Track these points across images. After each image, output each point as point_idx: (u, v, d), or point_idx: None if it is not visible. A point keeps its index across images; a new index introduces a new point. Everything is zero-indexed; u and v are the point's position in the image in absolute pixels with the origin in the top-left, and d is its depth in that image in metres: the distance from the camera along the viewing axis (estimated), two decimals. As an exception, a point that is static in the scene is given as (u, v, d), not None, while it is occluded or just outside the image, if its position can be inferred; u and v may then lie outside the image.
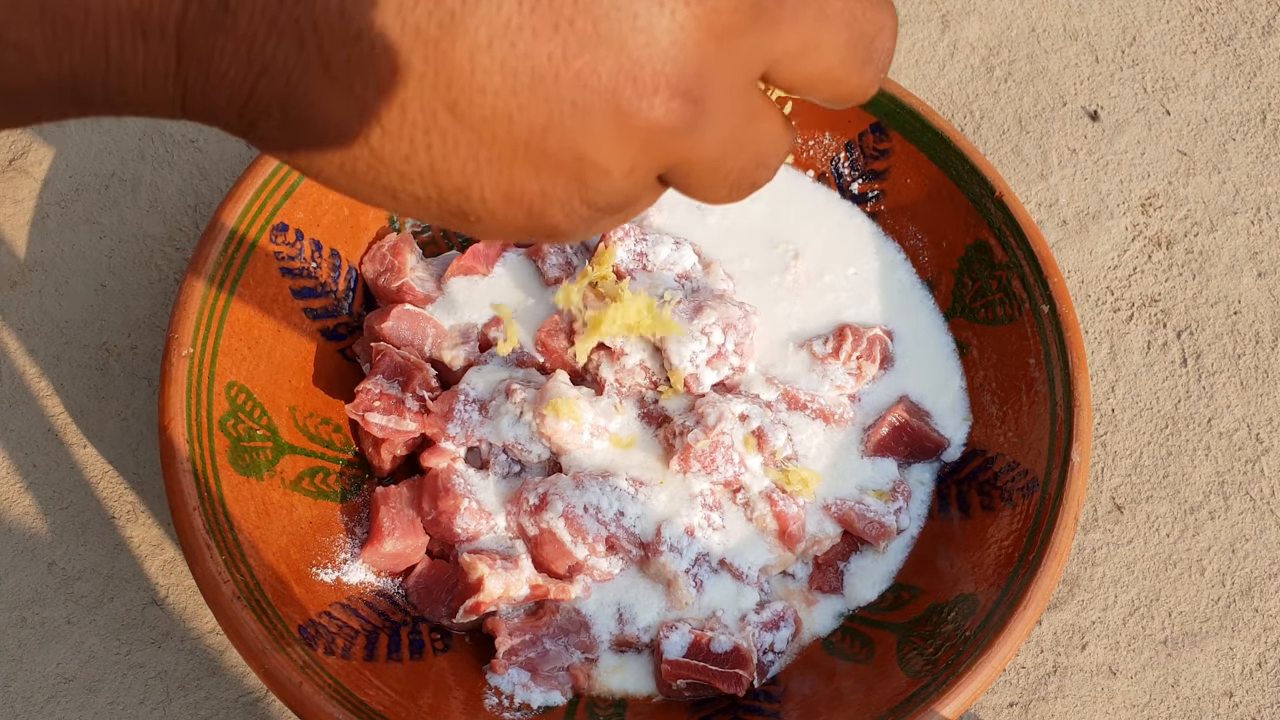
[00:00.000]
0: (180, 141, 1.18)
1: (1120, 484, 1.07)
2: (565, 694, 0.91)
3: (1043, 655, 1.01)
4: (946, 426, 1.02)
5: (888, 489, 0.99)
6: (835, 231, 1.10)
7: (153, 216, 1.14)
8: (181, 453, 0.87)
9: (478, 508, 0.94)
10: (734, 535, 0.95)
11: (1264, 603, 1.03)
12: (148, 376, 1.07)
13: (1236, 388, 1.11)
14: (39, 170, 1.16)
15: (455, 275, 1.04)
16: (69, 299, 1.10)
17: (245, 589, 0.84)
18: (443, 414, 0.96)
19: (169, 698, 0.96)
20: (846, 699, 0.89)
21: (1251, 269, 1.17)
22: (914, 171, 1.07)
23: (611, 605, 0.93)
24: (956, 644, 0.87)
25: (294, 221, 1.00)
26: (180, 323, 0.91)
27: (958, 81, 1.25)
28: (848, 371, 1.02)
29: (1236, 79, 1.26)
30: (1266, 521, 1.06)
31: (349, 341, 1.03)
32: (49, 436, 1.04)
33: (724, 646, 0.90)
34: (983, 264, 1.03)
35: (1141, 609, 1.03)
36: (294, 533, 0.92)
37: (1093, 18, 1.29)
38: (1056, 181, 1.20)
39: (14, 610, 0.98)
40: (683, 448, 0.94)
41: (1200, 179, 1.21)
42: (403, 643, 0.91)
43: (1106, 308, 1.15)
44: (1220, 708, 0.99)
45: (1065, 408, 0.94)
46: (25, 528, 1.01)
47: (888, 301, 1.07)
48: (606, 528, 0.92)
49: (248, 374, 0.95)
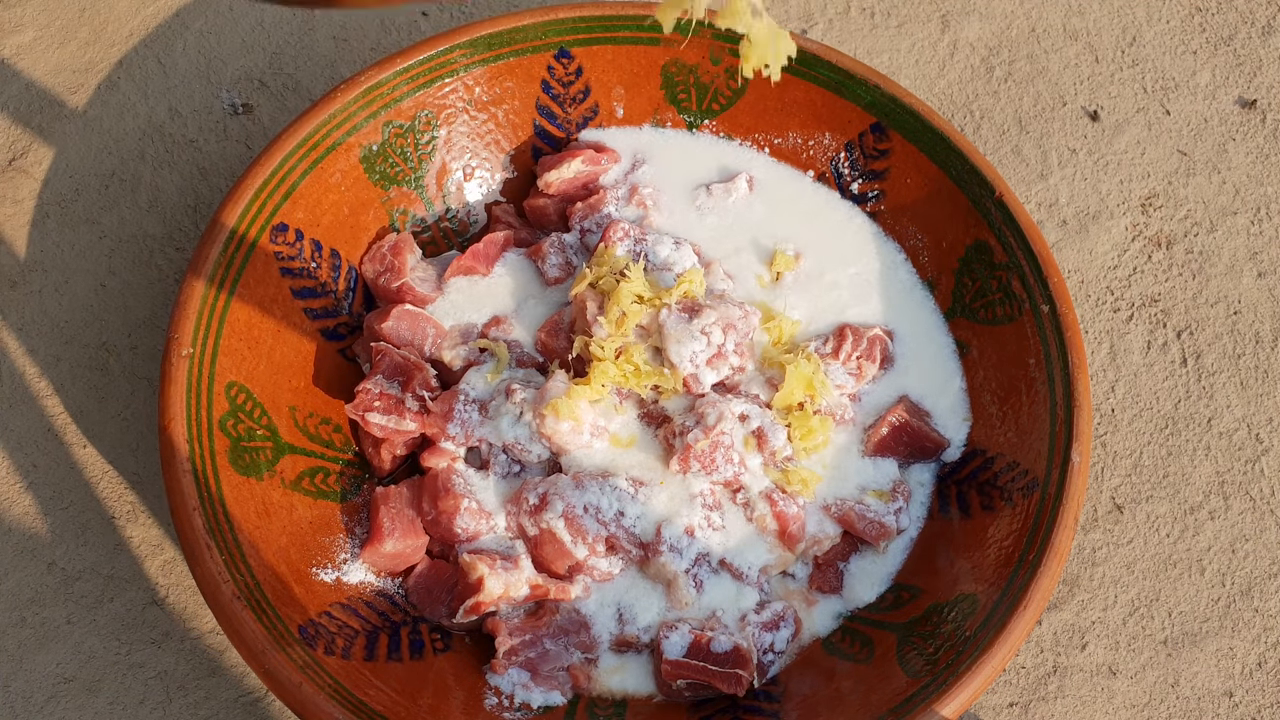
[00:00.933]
0: (180, 141, 1.18)
1: (1120, 484, 1.07)
2: (565, 694, 0.91)
3: (1043, 655, 1.01)
4: (947, 426, 1.02)
5: (888, 489, 0.99)
6: (835, 231, 1.10)
7: (153, 216, 1.14)
8: (181, 453, 0.87)
9: (478, 508, 0.94)
10: (734, 535, 0.95)
11: (1264, 603, 1.03)
12: (148, 376, 1.07)
13: (1236, 388, 1.11)
14: (39, 170, 1.16)
15: (455, 275, 1.04)
16: (69, 299, 1.10)
17: (245, 589, 0.84)
18: (443, 414, 0.96)
19: (169, 698, 0.96)
20: (846, 699, 0.89)
21: (1251, 269, 1.17)
22: (914, 171, 1.07)
23: (611, 605, 0.93)
24: (956, 644, 0.87)
25: (294, 221, 1.00)
26: (180, 323, 0.92)
27: (958, 81, 1.25)
28: (848, 371, 1.02)
29: (1236, 79, 1.26)
30: (1266, 521, 1.06)
31: (349, 341, 1.03)
32: (49, 436, 1.04)
33: (724, 646, 0.90)
34: (983, 264, 1.03)
35: (1141, 609, 1.03)
36: (294, 533, 0.92)
37: (1093, 18, 1.29)
38: (1056, 181, 1.21)
39: (14, 610, 0.98)
40: (683, 448, 0.94)
41: (1200, 179, 1.21)
42: (403, 643, 0.91)
43: (1106, 308, 1.15)
44: (1220, 708, 0.99)
45: (1065, 408, 0.94)
46: (25, 528, 1.01)
47: (888, 301, 1.07)
48: (606, 528, 0.92)
49: (248, 374, 0.95)
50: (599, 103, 1.12)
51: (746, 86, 1.10)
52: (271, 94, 1.21)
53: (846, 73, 1.07)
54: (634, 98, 1.12)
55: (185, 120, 1.19)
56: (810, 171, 1.12)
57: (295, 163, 0.99)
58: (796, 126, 1.11)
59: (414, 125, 1.06)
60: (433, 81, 1.05)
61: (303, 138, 0.99)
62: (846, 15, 1.28)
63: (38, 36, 1.23)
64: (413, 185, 1.08)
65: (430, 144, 1.08)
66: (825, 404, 1.00)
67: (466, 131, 1.09)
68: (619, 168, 1.11)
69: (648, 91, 1.12)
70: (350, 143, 1.02)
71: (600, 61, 1.10)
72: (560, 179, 1.08)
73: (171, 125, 1.19)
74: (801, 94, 1.09)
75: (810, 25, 1.27)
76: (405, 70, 1.04)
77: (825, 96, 1.08)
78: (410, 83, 1.04)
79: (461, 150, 1.09)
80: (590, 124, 1.12)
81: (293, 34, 1.24)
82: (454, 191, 1.10)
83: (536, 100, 1.10)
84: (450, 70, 1.06)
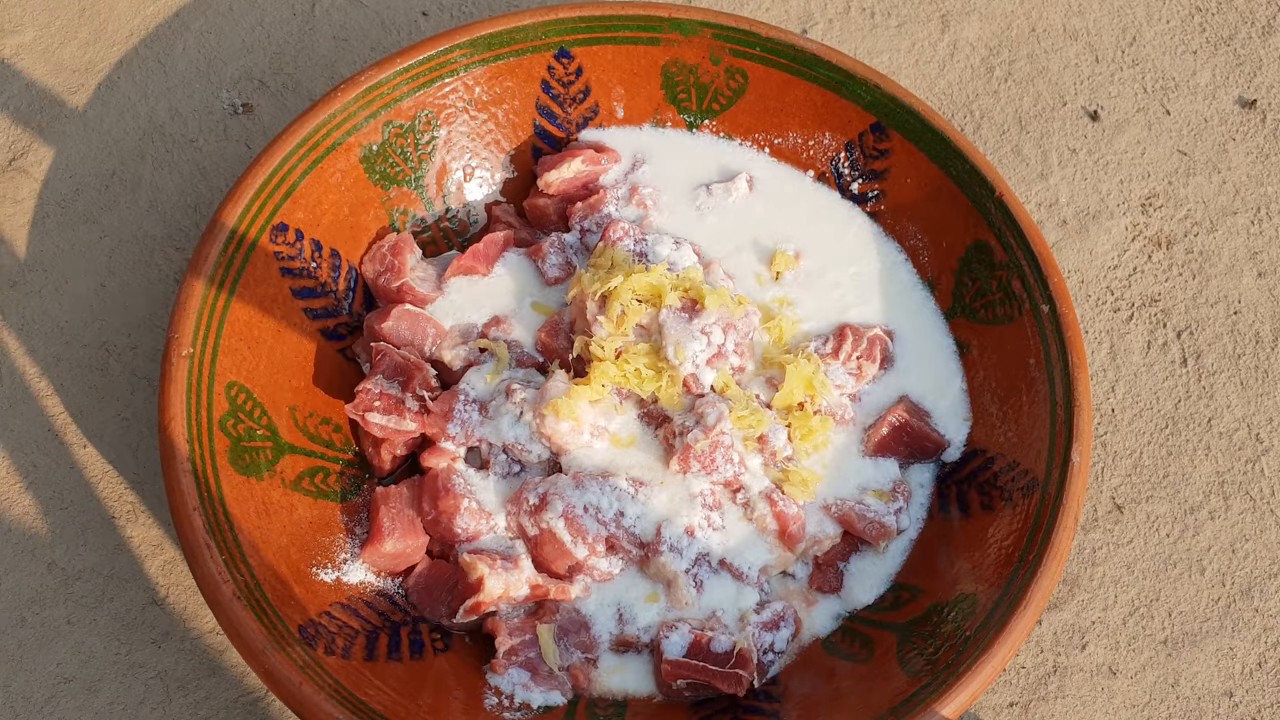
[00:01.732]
0: (180, 141, 1.18)
1: (1120, 484, 1.07)
2: (565, 694, 0.91)
3: (1043, 655, 1.01)
4: (947, 426, 1.02)
5: (888, 489, 0.99)
6: (836, 231, 1.10)
7: (153, 216, 1.14)
8: (181, 453, 0.87)
9: (478, 508, 0.94)
10: (734, 535, 0.95)
11: (1264, 603, 1.03)
12: (148, 376, 1.07)
13: (1236, 388, 1.11)
14: (39, 170, 1.16)
15: (455, 275, 1.04)
16: (69, 299, 1.10)
17: (245, 589, 0.84)
18: (443, 414, 0.96)
19: (169, 698, 0.96)
20: (846, 699, 0.89)
21: (1251, 269, 1.17)
22: (914, 171, 1.07)
23: (611, 605, 0.93)
24: (956, 644, 0.87)
25: (294, 221, 1.00)
26: (180, 323, 0.91)
27: (958, 81, 1.25)
28: (848, 371, 1.02)
29: (1236, 79, 1.26)
30: (1266, 521, 1.06)
31: (349, 341, 1.03)
32: (49, 436, 1.04)
33: (724, 646, 0.90)
34: (983, 264, 1.03)
35: (1141, 609, 1.03)
36: (294, 533, 0.92)
37: (1093, 18, 1.29)
38: (1056, 181, 1.21)
39: (14, 610, 0.98)
40: (682, 448, 0.94)
41: (1200, 179, 1.21)
42: (403, 643, 0.91)
43: (1106, 308, 1.15)
44: (1220, 708, 0.99)
45: (1065, 408, 0.94)
46: (25, 528, 1.01)
47: (888, 301, 1.07)
48: (606, 528, 0.92)
49: (248, 374, 0.95)
50: (599, 103, 1.12)
51: (746, 86, 1.10)
52: (271, 94, 1.21)
53: (846, 73, 1.07)
54: (634, 98, 1.12)
55: (185, 120, 1.19)
56: (810, 171, 1.12)
57: (295, 163, 0.99)
58: (796, 126, 1.11)
59: (414, 125, 1.06)
60: (433, 81, 1.05)
61: (303, 138, 0.99)
62: (846, 15, 1.28)
63: (38, 36, 1.23)
64: (413, 185, 1.08)
65: (430, 144, 1.08)
66: (825, 404, 1.00)
67: (466, 131, 1.09)
68: (619, 168, 1.11)
69: (648, 91, 1.12)
70: (350, 143, 1.02)
71: (600, 61, 1.10)
72: (560, 179, 1.08)
73: (171, 125, 1.19)
74: (801, 94, 1.09)
75: (810, 25, 1.27)
76: (405, 70, 1.04)
77: (825, 96, 1.08)
78: (410, 83, 1.04)
79: (461, 150, 1.09)
80: (590, 124, 1.12)
81: (293, 34, 1.24)
82: (454, 191, 1.10)
83: (536, 100, 1.10)
84: (450, 70, 1.06)
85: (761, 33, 1.07)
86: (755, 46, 1.08)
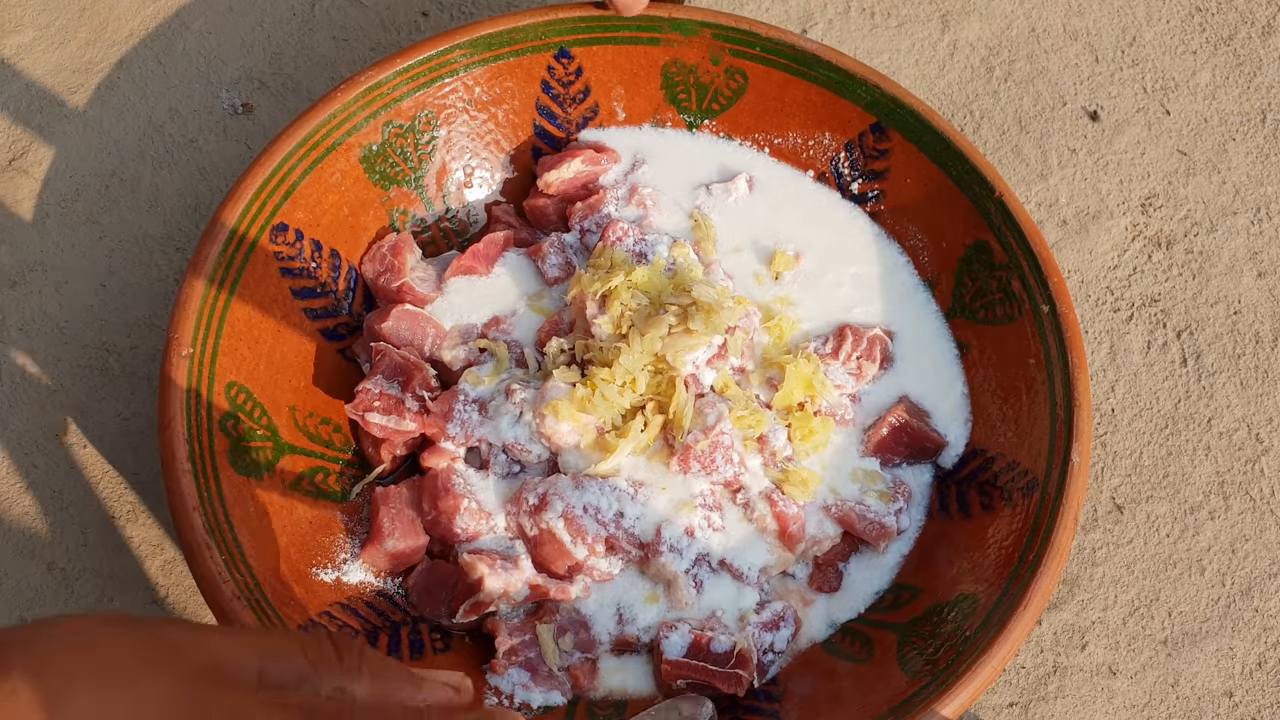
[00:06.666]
0: (180, 141, 1.18)
1: (1120, 484, 1.07)
2: (565, 694, 0.91)
3: (1043, 655, 1.01)
4: (946, 427, 1.02)
5: (888, 489, 0.99)
6: (836, 231, 1.10)
7: (153, 216, 1.14)
8: (181, 453, 0.87)
9: (477, 508, 0.94)
10: (734, 535, 0.95)
11: (1264, 603, 1.03)
12: (148, 376, 1.07)
13: (1236, 388, 1.11)
14: (39, 170, 1.16)
15: (455, 275, 1.04)
16: (69, 299, 1.10)
17: (245, 589, 0.84)
18: (443, 414, 0.96)
19: (169, 698, 0.95)
20: (846, 699, 0.89)
21: (1251, 269, 1.17)
22: (914, 171, 1.07)
23: (611, 605, 0.93)
24: (956, 644, 0.87)
25: (294, 221, 1.00)
26: (180, 323, 0.91)
27: (958, 81, 1.25)
28: (848, 371, 1.02)
29: (1236, 79, 1.26)
30: (1266, 521, 1.06)
31: (349, 341, 1.03)
32: (49, 436, 1.04)
33: (724, 646, 0.90)
34: (983, 264, 1.03)
35: (1141, 609, 1.03)
36: (294, 533, 0.92)
37: (1093, 18, 1.29)
38: (1056, 181, 1.21)
39: (14, 610, 0.98)
40: (682, 448, 0.94)
41: (1200, 179, 1.21)
42: (403, 643, 0.91)
43: (1106, 308, 1.15)
44: (1220, 708, 0.99)
45: (1065, 408, 0.94)
46: (25, 528, 1.01)
47: (889, 301, 1.07)
48: (606, 528, 0.92)
49: (248, 374, 0.95)
50: (599, 103, 1.12)
51: (746, 86, 1.10)
52: (271, 94, 1.21)
53: (846, 73, 1.07)
54: (634, 98, 1.12)
55: (185, 120, 1.19)
56: (810, 171, 1.12)
57: (295, 163, 0.99)
58: (796, 126, 1.11)
59: (414, 125, 1.06)
60: (433, 81, 1.05)
61: (303, 138, 0.99)
62: (846, 15, 1.28)
63: (38, 36, 1.23)
64: (413, 185, 1.08)
65: (430, 144, 1.08)
66: (825, 404, 1.00)
67: (466, 131, 1.09)
68: (619, 168, 1.11)
69: (648, 91, 1.12)
70: (350, 143, 1.02)
71: (600, 61, 1.10)
72: (560, 179, 1.08)
73: (171, 125, 1.19)
74: (801, 94, 1.09)
75: (810, 25, 1.27)
76: (405, 70, 1.04)
77: (825, 96, 1.08)
78: (410, 83, 1.04)
79: (461, 150, 1.09)
80: (590, 124, 1.12)
81: (293, 34, 1.24)
82: (454, 191, 1.10)
83: (536, 100, 1.10)
84: (450, 70, 1.06)
85: (761, 33, 1.07)
86: (755, 47, 1.08)
